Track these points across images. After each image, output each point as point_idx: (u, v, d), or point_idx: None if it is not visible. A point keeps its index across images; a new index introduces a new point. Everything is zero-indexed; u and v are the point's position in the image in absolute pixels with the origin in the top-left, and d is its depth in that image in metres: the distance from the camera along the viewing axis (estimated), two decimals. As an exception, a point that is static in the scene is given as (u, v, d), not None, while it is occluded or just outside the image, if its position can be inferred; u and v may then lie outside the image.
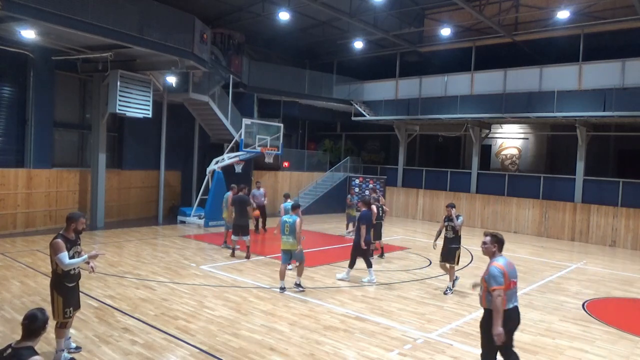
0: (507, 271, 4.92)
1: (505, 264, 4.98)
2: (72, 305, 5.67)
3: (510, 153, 24.11)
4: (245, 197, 12.35)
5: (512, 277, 4.95)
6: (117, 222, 16.62)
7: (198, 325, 6.99)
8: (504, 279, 4.83)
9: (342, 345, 6.46)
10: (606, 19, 17.05)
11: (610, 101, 16.41)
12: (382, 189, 23.06)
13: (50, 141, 15.01)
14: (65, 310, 5.57)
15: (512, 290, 4.93)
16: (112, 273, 9.79)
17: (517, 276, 5.13)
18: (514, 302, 4.96)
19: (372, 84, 23.37)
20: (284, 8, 17.66)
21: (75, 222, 5.63)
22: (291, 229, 8.73)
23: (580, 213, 17.96)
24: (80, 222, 5.68)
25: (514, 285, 4.98)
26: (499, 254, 5.10)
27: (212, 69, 16.51)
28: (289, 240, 8.81)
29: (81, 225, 5.68)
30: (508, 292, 4.88)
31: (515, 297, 5.01)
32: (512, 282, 4.93)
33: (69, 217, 5.68)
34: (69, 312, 5.64)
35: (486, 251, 5.19)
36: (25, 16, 10.80)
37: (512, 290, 4.93)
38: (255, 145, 17.12)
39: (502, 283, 4.80)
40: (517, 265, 12.96)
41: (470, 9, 16.87)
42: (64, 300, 5.58)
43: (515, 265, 5.17)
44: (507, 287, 4.86)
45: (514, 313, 4.97)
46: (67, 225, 5.64)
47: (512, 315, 4.93)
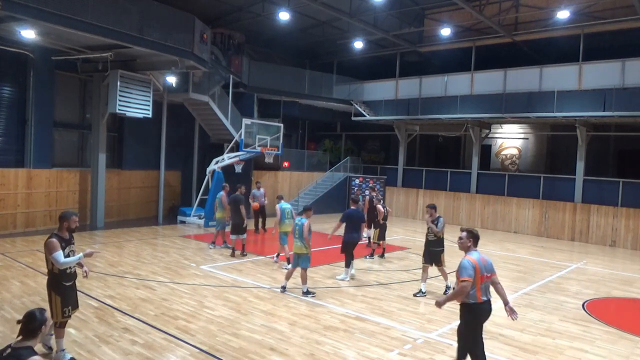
0: (480, 265, 5.08)
1: (478, 258, 5.15)
2: (71, 305, 5.67)
3: (510, 153, 24.11)
4: (240, 197, 12.34)
5: (484, 271, 5.11)
6: (117, 222, 16.62)
7: (198, 325, 6.99)
8: (475, 272, 5.00)
9: (342, 345, 6.46)
10: (606, 19, 17.05)
11: (610, 101, 16.41)
12: (382, 189, 23.05)
13: (50, 141, 15.01)
14: (63, 309, 5.57)
15: (484, 283, 5.12)
16: (112, 273, 9.79)
17: (493, 270, 5.28)
18: (488, 295, 5.15)
19: (372, 84, 23.36)
20: (284, 8, 17.66)
21: (67, 220, 5.64)
22: (300, 232, 8.64)
23: (580, 213, 17.96)
24: (73, 221, 5.67)
25: (487, 279, 5.15)
26: (473, 249, 5.27)
27: (212, 69, 16.51)
28: (297, 243, 8.73)
29: (74, 223, 5.68)
30: (482, 285, 5.07)
31: (489, 291, 5.19)
32: (484, 276, 5.11)
33: (61, 216, 5.69)
34: (68, 312, 5.64)
35: (462, 246, 5.36)
36: (25, 16, 10.79)
37: (484, 284, 5.12)
38: (255, 145, 17.12)
39: (471, 275, 4.98)
40: (517, 265, 12.99)
41: (470, 9, 16.86)
42: (62, 299, 5.58)
43: (491, 261, 5.33)
44: (480, 280, 5.05)
45: (487, 306, 5.14)
46: (60, 224, 5.65)
47: (485, 307, 5.12)
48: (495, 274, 5.30)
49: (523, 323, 7.78)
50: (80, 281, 8.94)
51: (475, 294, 5.04)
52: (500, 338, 7.03)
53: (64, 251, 5.51)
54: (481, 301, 5.06)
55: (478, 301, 5.06)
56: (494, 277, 5.28)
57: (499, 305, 8.87)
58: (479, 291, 5.04)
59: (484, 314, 5.16)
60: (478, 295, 5.04)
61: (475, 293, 5.04)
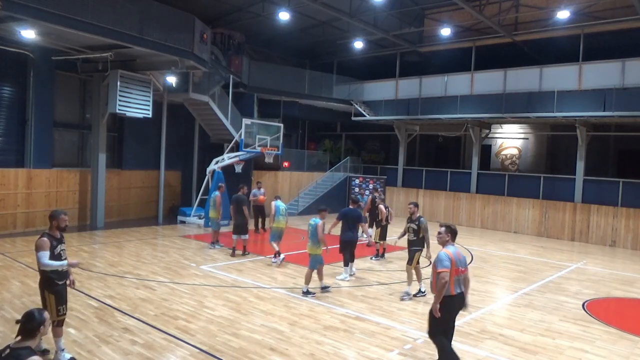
0: (455, 259, 5.39)
1: (455, 252, 5.46)
2: (65, 303, 5.65)
3: (510, 153, 24.11)
4: (242, 197, 12.36)
5: (459, 264, 5.41)
6: (117, 222, 16.62)
7: (198, 325, 6.99)
8: (451, 264, 5.32)
9: (342, 345, 6.46)
10: (606, 19, 17.04)
11: (610, 101, 16.41)
12: (382, 189, 23.06)
13: (50, 141, 15.01)
14: (58, 308, 5.55)
15: (458, 276, 5.41)
16: (112, 273, 9.79)
17: (466, 265, 5.60)
18: (461, 288, 5.46)
19: (372, 84, 23.36)
20: (284, 8, 17.65)
21: (56, 219, 5.64)
22: (312, 233, 8.70)
23: (580, 213, 17.95)
24: (62, 219, 5.66)
25: (461, 273, 5.45)
26: (450, 243, 5.58)
27: (212, 69, 16.50)
28: (309, 243, 8.81)
29: (63, 222, 5.67)
30: (455, 278, 5.38)
31: (462, 284, 5.48)
32: (459, 270, 5.41)
33: (50, 215, 5.71)
34: (63, 310, 5.63)
35: (440, 240, 5.66)
36: (25, 16, 10.79)
37: (458, 277, 5.41)
38: (255, 145, 17.11)
39: (447, 267, 5.29)
40: (517, 265, 13.00)
41: (470, 9, 16.86)
42: (56, 298, 5.56)
43: (465, 256, 5.67)
44: (455, 273, 5.35)
45: (460, 298, 5.44)
46: (50, 223, 5.65)
47: (458, 299, 5.43)
48: (467, 270, 5.59)
49: (523, 323, 7.79)
50: (80, 281, 8.98)
51: (449, 286, 5.31)
52: (500, 338, 7.03)
53: (55, 250, 5.50)
54: (454, 294, 5.35)
55: (451, 293, 5.33)
56: (466, 272, 5.57)
57: (499, 305, 8.90)
58: (452, 284, 5.32)
59: (457, 306, 5.46)
60: (451, 288, 5.32)
61: (448, 286, 5.30)
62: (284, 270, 10.77)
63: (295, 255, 12.52)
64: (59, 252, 5.58)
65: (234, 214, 12.14)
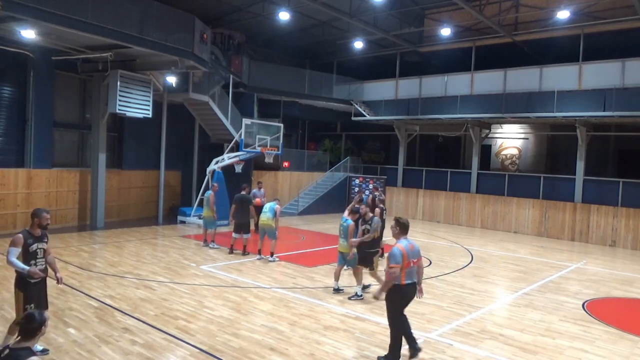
0: (407, 252, 5.77)
1: (406, 245, 5.85)
2: (34, 302, 5.52)
3: (510, 153, 24.11)
4: (247, 196, 12.40)
5: (410, 257, 5.79)
6: (117, 222, 16.62)
7: (198, 325, 6.99)
8: (403, 259, 5.69)
9: (342, 345, 6.46)
10: (606, 19, 17.04)
11: (610, 101, 16.41)
12: (382, 189, 23.05)
13: (50, 141, 15.01)
14: (25, 306, 5.45)
15: (410, 268, 5.80)
16: (112, 273, 9.79)
17: (419, 256, 5.98)
18: (412, 278, 5.85)
19: (372, 84, 23.36)
20: (284, 8, 17.65)
21: (38, 217, 5.60)
22: (344, 232, 8.78)
23: (580, 213, 17.95)
24: (44, 218, 5.63)
25: (413, 264, 5.84)
26: (402, 237, 5.97)
27: (212, 69, 16.50)
28: (342, 243, 8.87)
29: (45, 220, 5.64)
30: (407, 270, 5.76)
31: (414, 275, 5.87)
32: (411, 262, 5.80)
33: (32, 213, 5.68)
34: (30, 309, 5.52)
35: (393, 234, 6.12)
36: (25, 16, 10.79)
37: (410, 269, 5.80)
38: (255, 145, 17.10)
39: (399, 262, 5.68)
40: (517, 265, 13.01)
41: (470, 9, 16.86)
42: (25, 296, 5.48)
43: (418, 247, 6.07)
44: (406, 265, 5.73)
45: (411, 287, 5.86)
46: (32, 221, 5.62)
47: (409, 289, 5.84)
48: (421, 259, 6.01)
49: (523, 323, 7.79)
50: (80, 281, 8.99)
51: (400, 277, 5.73)
52: (500, 338, 7.03)
53: (30, 247, 5.45)
54: (404, 283, 5.76)
55: (401, 283, 5.75)
56: (419, 261, 5.98)
57: (499, 305, 8.90)
58: (404, 275, 5.75)
59: (407, 295, 5.88)
60: (402, 278, 5.74)
61: (400, 276, 5.73)
62: (283, 270, 10.77)
63: (295, 255, 12.54)
64: (35, 250, 5.51)
65: (236, 213, 12.15)
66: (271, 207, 11.45)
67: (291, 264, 11.33)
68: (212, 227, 13.07)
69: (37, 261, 5.55)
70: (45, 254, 5.68)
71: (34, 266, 5.49)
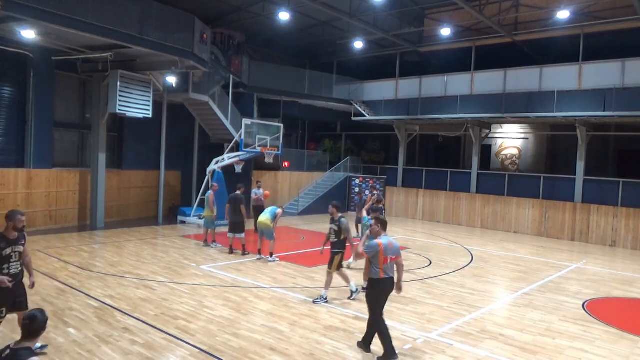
0: (385, 248, 6.09)
1: (386, 242, 6.18)
2: (6, 306, 5.43)
3: (510, 153, 24.11)
4: (240, 196, 12.38)
5: (387, 254, 6.11)
6: (117, 222, 16.62)
7: (198, 325, 6.99)
8: (379, 253, 6.07)
9: (342, 345, 6.46)
10: (606, 19, 17.04)
11: (610, 101, 16.40)
12: (382, 189, 23.06)
13: (50, 141, 15.01)
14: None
15: (387, 265, 6.13)
16: (112, 273, 9.79)
17: (398, 254, 6.23)
18: (390, 274, 6.17)
19: (372, 84, 23.35)
20: (284, 8, 17.65)
21: (12, 220, 5.49)
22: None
23: (580, 213, 17.95)
24: (19, 220, 5.52)
25: (392, 260, 6.16)
26: (383, 234, 6.33)
27: (212, 69, 16.50)
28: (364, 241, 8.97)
29: (20, 223, 5.53)
30: (385, 266, 6.10)
31: (391, 270, 6.18)
32: (388, 258, 6.12)
33: (6, 215, 5.54)
34: (2, 313, 5.44)
35: (373, 232, 6.45)
36: (25, 16, 10.79)
37: (387, 265, 6.13)
38: (255, 145, 17.10)
39: (370, 252, 6.12)
40: (517, 265, 13.01)
41: (470, 9, 16.86)
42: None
43: (398, 245, 6.31)
44: (384, 261, 6.08)
45: (388, 282, 6.18)
46: (6, 223, 5.49)
47: (386, 283, 6.17)
48: (399, 257, 6.27)
49: (523, 323, 7.79)
50: (80, 281, 8.99)
51: (378, 271, 6.08)
52: (500, 338, 7.03)
53: (4, 251, 5.33)
54: (382, 277, 6.11)
55: (379, 277, 6.11)
56: (399, 259, 6.27)
57: (499, 305, 8.90)
58: (381, 270, 6.08)
59: (384, 288, 6.18)
60: (380, 273, 6.09)
61: (378, 271, 6.08)
62: (284, 270, 10.77)
63: (295, 255, 12.54)
64: (9, 255, 5.38)
65: (231, 213, 12.17)
66: (272, 210, 11.58)
67: (291, 264, 11.34)
68: (212, 227, 13.09)
69: (10, 265, 5.40)
70: (21, 257, 5.55)
71: (7, 270, 5.36)
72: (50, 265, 10.15)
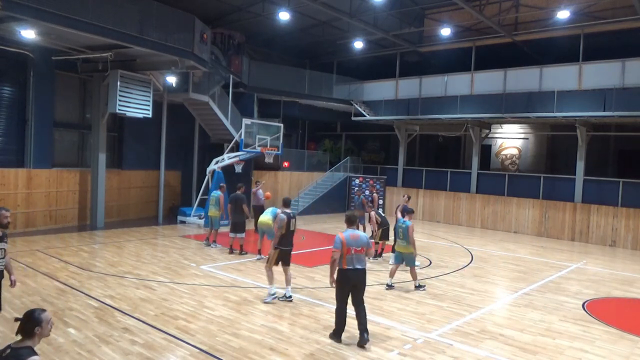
0: (346, 240, 6.52)
1: (347, 235, 6.60)
2: None
3: (510, 153, 24.11)
4: (241, 196, 12.40)
5: (350, 245, 6.51)
6: (117, 222, 16.62)
7: (198, 325, 6.99)
8: (342, 246, 6.48)
9: (342, 345, 6.46)
10: (606, 19, 17.04)
11: (610, 101, 16.40)
12: (382, 189, 23.06)
13: (50, 141, 15.01)
14: None
15: (350, 255, 6.50)
16: (112, 273, 9.79)
17: (362, 246, 6.55)
18: (354, 265, 6.51)
19: (372, 84, 23.35)
20: (284, 8, 17.65)
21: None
22: (404, 234, 9.41)
23: (580, 213, 17.95)
24: (3, 216, 5.51)
25: (354, 252, 6.50)
26: (347, 228, 6.80)
27: (212, 69, 16.50)
28: (402, 243, 9.51)
29: (4, 218, 5.52)
30: (347, 257, 6.49)
31: (356, 261, 6.51)
32: (351, 249, 6.51)
33: None
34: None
35: None
36: (25, 16, 10.79)
37: (350, 256, 6.50)
38: (255, 145, 17.10)
39: (338, 247, 6.51)
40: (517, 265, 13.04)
41: (470, 9, 16.86)
42: None
43: (363, 237, 6.66)
44: (346, 252, 6.49)
45: (353, 272, 6.51)
46: None
47: (349, 274, 6.51)
48: (364, 249, 6.60)
49: (523, 323, 7.79)
50: (80, 281, 8.99)
51: (342, 262, 6.49)
52: (500, 338, 7.03)
53: None
54: (345, 268, 6.48)
55: (343, 267, 6.48)
56: (365, 250, 6.65)
57: (499, 305, 8.90)
58: (345, 260, 6.48)
59: (348, 278, 6.51)
60: (343, 263, 6.48)
61: (342, 261, 6.49)
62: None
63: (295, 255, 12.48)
64: None
65: (232, 213, 12.20)
66: (273, 210, 11.51)
67: (291, 264, 11.29)
68: (217, 226, 13.14)
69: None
70: (5, 254, 5.55)
71: None
72: (50, 265, 10.15)
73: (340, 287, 6.56)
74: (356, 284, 6.55)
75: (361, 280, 6.59)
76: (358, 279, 6.55)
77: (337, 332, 6.65)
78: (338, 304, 6.62)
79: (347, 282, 6.51)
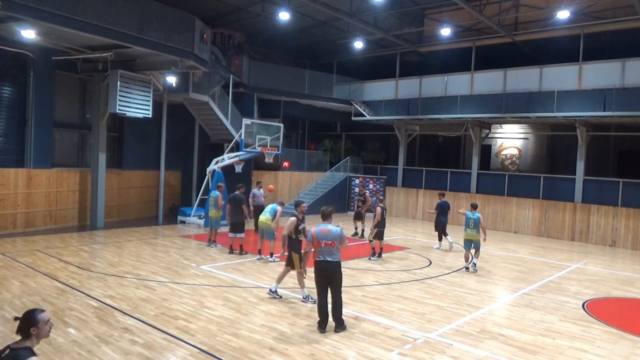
0: (316, 234, 7.01)
1: (318, 229, 7.06)
2: None
3: (510, 153, 24.11)
4: (240, 196, 12.39)
5: (319, 238, 6.97)
6: (117, 222, 16.62)
7: (198, 325, 6.99)
8: (313, 239, 7.04)
9: (342, 345, 6.46)
10: (606, 19, 17.04)
11: (610, 101, 16.41)
12: (382, 189, 23.06)
13: (50, 141, 15.01)
14: None
15: (320, 248, 6.94)
16: (112, 273, 9.79)
17: (332, 239, 6.94)
18: (325, 257, 6.91)
19: (372, 84, 23.36)
20: (284, 8, 17.65)
21: None
22: (475, 223, 11.21)
23: (580, 213, 17.95)
24: None
25: (325, 245, 6.93)
26: (321, 223, 7.20)
27: (212, 69, 16.50)
28: (473, 232, 11.26)
29: None
30: (318, 249, 6.95)
31: (326, 254, 6.90)
32: (321, 242, 6.94)
33: None
34: None
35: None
36: (25, 16, 10.79)
37: (320, 248, 6.94)
38: (255, 145, 17.09)
39: (309, 240, 7.15)
40: (517, 265, 13.05)
41: (470, 9, 16.86)
42: None
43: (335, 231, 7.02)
44: (317, 245, 6.97)
45: (324, 264, 6.90)
46: None
47: (322, 265, 6.91)
48: (335, 242, 6.96)
49: (523, 323, 7.79)
50: (81, 281, 8.99)
51: (315, 254, 7.00)
52: (500, 338, 7.03)
53: None
54: (317, 259, 6.96)
55: (315, 258, 6.97)
56: (341, 244, 7.02)
57: (499, 305, 8.90)
58: (316, 252, 6.98)
59: (319, 269, 6.93)
60: (315, 255, 6.98)
61: (315, 254, 7.00)
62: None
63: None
64: None
65: (231, 212, 12.20)
66: (272, 208, 11.61)
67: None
68: (217, 226, 13.14)
69: None
70: None
71: None
72: (50, 265, 10.15)
73: (315, 278, 6.99)
74: (327, 275, 6.91)
75: (333, 272, 6.92)
76: (329, 271, 6.89)
77: (319, 322, 6.95)
78: (317, 295, 7.05)
79: (319, 273, 6.95)
